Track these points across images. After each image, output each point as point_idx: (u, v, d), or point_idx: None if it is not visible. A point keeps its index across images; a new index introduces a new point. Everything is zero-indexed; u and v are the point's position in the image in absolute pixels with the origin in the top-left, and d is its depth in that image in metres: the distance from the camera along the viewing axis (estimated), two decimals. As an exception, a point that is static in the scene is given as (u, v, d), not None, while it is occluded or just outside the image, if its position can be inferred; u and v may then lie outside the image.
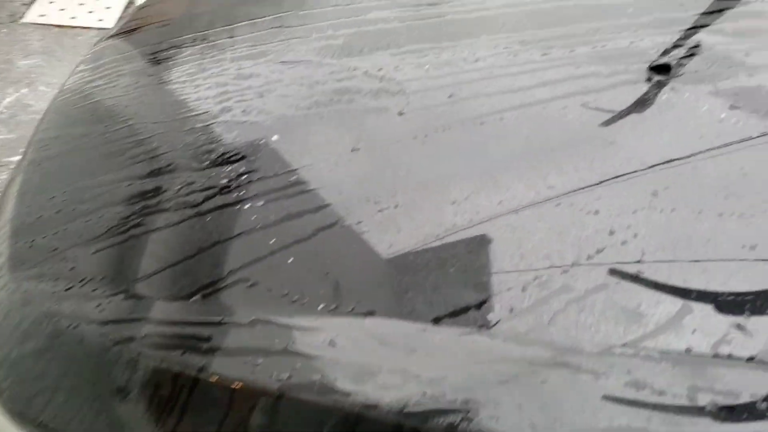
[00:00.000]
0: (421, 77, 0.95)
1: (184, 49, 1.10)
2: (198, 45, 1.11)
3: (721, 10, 1.03)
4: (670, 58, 0.93)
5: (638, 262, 0.66)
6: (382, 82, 0.95)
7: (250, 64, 1.03)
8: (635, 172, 0.76)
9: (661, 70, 0.91)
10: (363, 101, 0.92)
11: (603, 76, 0.91)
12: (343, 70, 0.98)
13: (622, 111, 0.84)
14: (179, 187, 0.82)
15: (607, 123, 0.83)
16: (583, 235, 0.69)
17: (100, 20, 3.43)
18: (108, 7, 3.55)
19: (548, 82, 0.91)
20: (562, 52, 0.97)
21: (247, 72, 1.00)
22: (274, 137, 0.87)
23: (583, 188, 0.74)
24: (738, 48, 0.94)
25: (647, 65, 0.92)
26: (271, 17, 1.15)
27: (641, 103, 0.85)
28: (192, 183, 0.83)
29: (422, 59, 0.99)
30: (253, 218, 0.76)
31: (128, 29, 1.28)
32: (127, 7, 3.55)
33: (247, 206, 0.78)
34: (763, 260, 0.66)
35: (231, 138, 0.88)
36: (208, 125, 0.92)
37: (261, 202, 0.78)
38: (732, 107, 0.84)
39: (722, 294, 0.62)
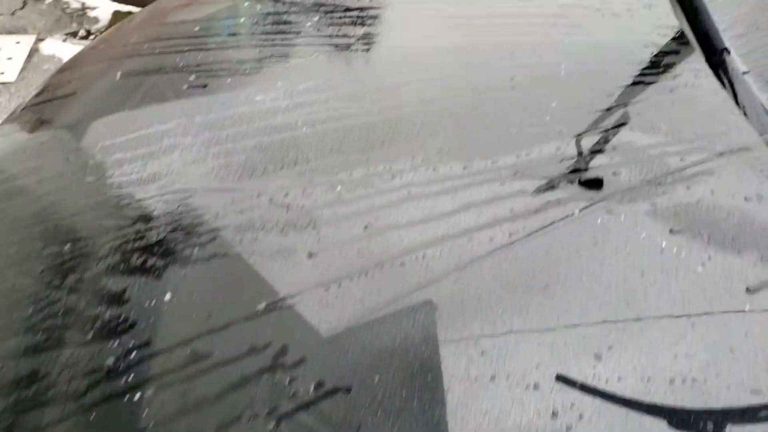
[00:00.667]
0: (333, 202, 0.85)
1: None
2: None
3: (647, 99, 0.96)
4: (601, 169, 0.85)
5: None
6: (289, 213, 0.84)
7: (140, 194, 0.90)
8: (575, 326, 0.68)
9: (593, 184, 0.83)
10: (268, 240, 0.81)
11: (529, 194, 0.83)
12: (246, 198, 0.87)
13: (554, 244, 0.76)
14: (60, 370, 0.70)
15: (540, 262, 0.74)
16: (523, 421, 0.60)
17: (1, 73, 3.22)
18: (9, 58, 3.34)
19: (472, 204, 0.83)
20: (485, 163, 0.88)
21: (132, 212, 0.87)
22: (167, 296, 0.76)
23: (517, 353, 0.65)
24: (673, 150, 0.87)
25: (578, 179, 0.84)
26: (162, 127, 1.02)
27: (575, 233, 0.77)
28: (75, 364, 0.70)
29: (334, 178, 0.88)
30: (146, 412, 0.65)
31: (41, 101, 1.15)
32: (28, 57, 3.35)
33: (138, 396, 0.66)
34: None
35: (117, 299, 0.76)
36: (90, 279, 0.79)
37: (153, 390, 0.66)
38: (672, 231, 0.76)
39: None
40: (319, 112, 1.01)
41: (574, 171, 0.86)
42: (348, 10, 1.30)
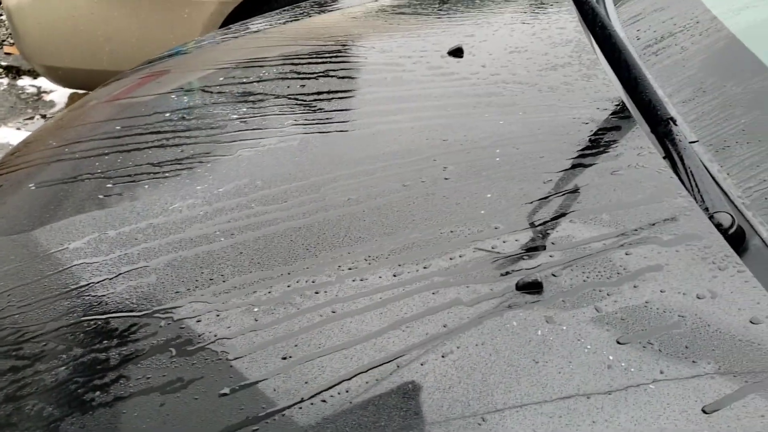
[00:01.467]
0: (249, 329, 0.76)
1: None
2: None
3: (587, 185, 0.90)
4: (540, 269, 0.78)
5: None
6: (201, 342, 0.76)
7: (36, 329, 0.81)
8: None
9: (532, 288, 0.76)
10: (177, 377, 0.72)
11: (465, 305, 0.75)
12: (155, 328, 0.79)
13: (491, 366, 0.68)
14: None
15: (477, 392, 0.66)
16: None
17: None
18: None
19: (402, 321, 0.75)
20: (416, 269, 0.81)
21: (31, 351, 0.78)
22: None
23: None
24: (617, 243, 0.80)
25: (515, 284, 0.76)
26: (73, 245, 0.94)
27: (513, 351, 0.69)
28: None
29: (250, 298, 0.80)
30: None
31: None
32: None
33: None
34: None
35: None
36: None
37: None
38: (620, 342, 0.69)
39: None
40: (239, 220, 0.93)
41: (511, 273, 0.78)
42: (277, 97, 1.24)
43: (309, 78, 1.31)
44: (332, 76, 1.31)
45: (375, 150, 1.04)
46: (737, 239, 0.83)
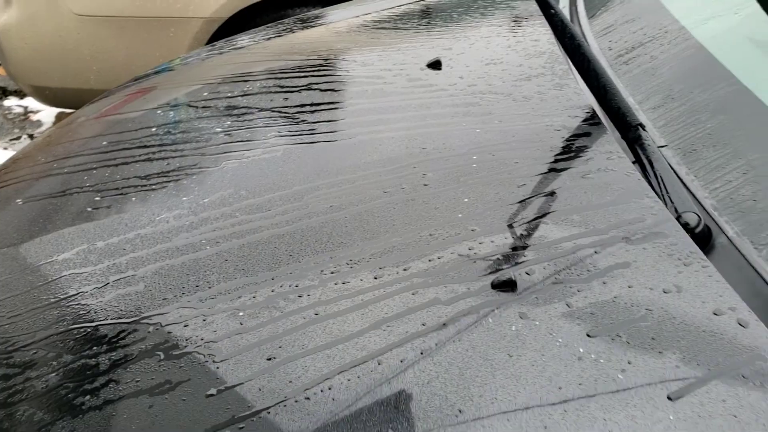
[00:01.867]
0: (235, 332, 0.79)
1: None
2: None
3: (559, 188, 0.93)
4: (514, 268, 0.81)
5: None
6: (188, 347, 0.78)
7: (34, 336, 0.84)
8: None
9: (506, 286, 0.79)
10: (165, 380, 0.75)
11: (443, 303, 0.78)
12: (143, 334, 0.82)
13: (468, 361, 0.71)
14: None
15: (455, 386, 0.69)
16: None
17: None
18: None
19: (383, 320, 0.78)
20: (396, 271, 0.84)
21: (22, 359, 0.81)
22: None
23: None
24: (587, 242, 0.84)
25: (490, 282, 0.80)
26: (62, 256, 0.96)
27: (489, 346, 0.72)
28: None
29: (236, 303, 0.83)
30: None
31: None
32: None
33: None
34: None
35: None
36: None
37: None
38: (590, 335, 0.72)
39: None
40: (224, 228, 0.96)
41: (487, 273, 0.81)
42: (261, 110, 1.27)
43: (292, 91, 1.34)
44: (315, 89, 1.34)
45: (356, 159, 1.08)
46: (704, 238, 0.87)
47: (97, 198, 1.10)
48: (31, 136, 3.79)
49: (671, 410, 0.64)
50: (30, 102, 4.12)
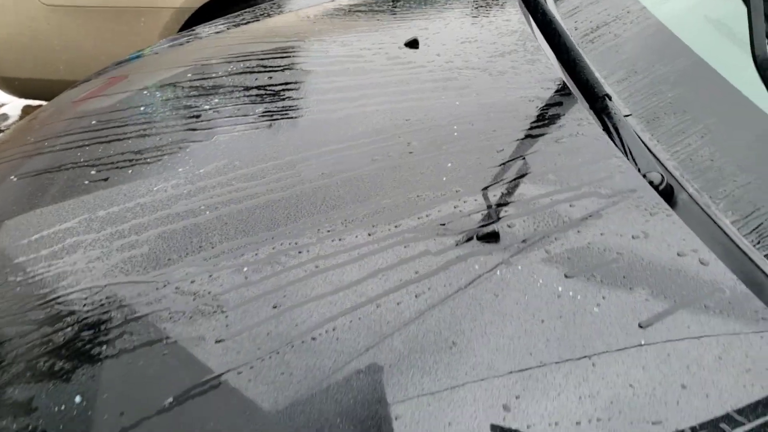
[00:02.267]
0: (240, 285, 0.85)
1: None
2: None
3: (535, 152, 1.01)
4: (497, 222, 0.88)
5: None
6: (196, 300, 0.84)
7: (45, 297, 0.88)
8: (482, 380, 0.69)
9: (490, 238, 0.86)
10: (177, 330, 0.80)
11: (433, 254, 0.85)
12: (151, 290, 0.86)
13: (458, 302, 0.78)
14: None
15: (447, 322, 0.76)
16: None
17: None
18: None
19: (378, 270, 0.84)
20: (388, 228, 0.90)
21: (36, 316, 0.85)
22: (77, 399, 0.74)
23: (429, 414, 0.66)
24: (562, 197, 0.91)
25: (475, 234, 0.87)
26: (64, 225, 1.01)
27: (477, 288, 0.79)
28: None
29: (240, 260, 0.89)
30: None
31: None
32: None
33: None
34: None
35: (24, 408, 0.74)
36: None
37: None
38: (567, 276, 0.80)
39: None
40: (221, 195, 1.02)
41: (472, 227, 0.89)
42: (247, 89, 1.33)
43: (275, 71, 1.40)
44: (297, 69, 1.40)
45: (343, 131, 1.14)
46: (666, 194, 0.96)
47: (93, 172, 1.15)
48: (-3, 129, 3.76)
49: (642, 336, 0.72)
50: (-5, 95, 4.08)
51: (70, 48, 2.97)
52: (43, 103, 3.75)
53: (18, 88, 3.18)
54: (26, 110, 3.82)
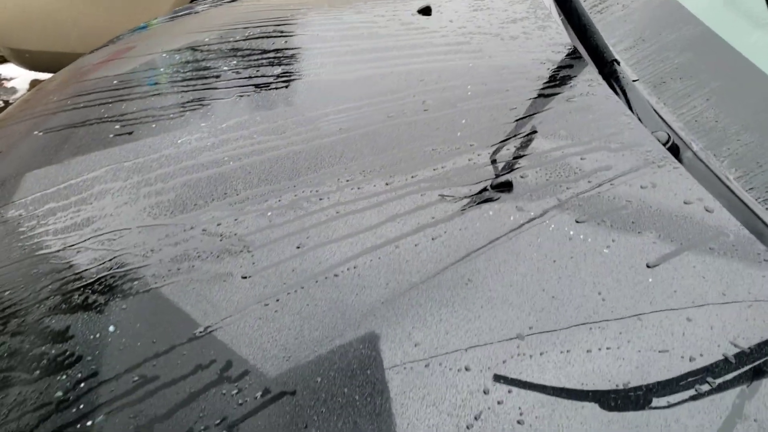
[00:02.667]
0: (265, 227, 0.89)
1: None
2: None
3: (547, 109, 1.05)
4: (510, 173, 0.92)
5: (519, 423, 0.63)
6: (222, 241, 0.88)
7: (75, 238, 0.92)
8: (497, 312, 0.73)
9: (504, 187, 0.90)
10: (204, 267, 0.84)
11: (448, 202, 0.89)
12: (179, 231, 0.91)
13: (473, 243, 0.82)
14: (7, 410, 0.71)
15: (462, 260, 0.80)
16: (458, 400, 0.65)
17: None
18: None
19: (396, 215, 0.88)
20: (404, 178, 0.94)
21: (68, 256, 0.90)
22: (111, 328, 0.78)
23: (447, 342, 0.70)
24: (573, 151, 0.95)
25: (489, 184, 0.91)
26: (92, 174, 1.05)
27: (491, 231, 0.83)
28: (23, 401, 0.72)
29: (264, 205, 0.93)
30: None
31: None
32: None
33: (89, 423, 0.68)
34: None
35: (61, 336, 0.78)
36: (32, 321, 0.81)
37: (104, 416, 0.68)
38: (578, 221, 0.84)
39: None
40: (244, 147, 1.06)
41: (486, 178, 0.93)
42: (264, 52, 1.36)
43: (292, 36, 1.43)
44: (312, 34, 1.44)
45: (359, 91, 1.18)
46: (673, 152, 0.99)
47: (117, 126, 1.19)
48: (6, 103, 3.79)
49: (650, 274, 0.77)
50: (3, 69, 4.11)
51: (81, 20, 3.00)
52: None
53: (28, 60, 3.21)
54: (34, 84, 3.85)
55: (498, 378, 0.67)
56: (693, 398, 0.64)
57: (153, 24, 1.89)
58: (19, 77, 3.99)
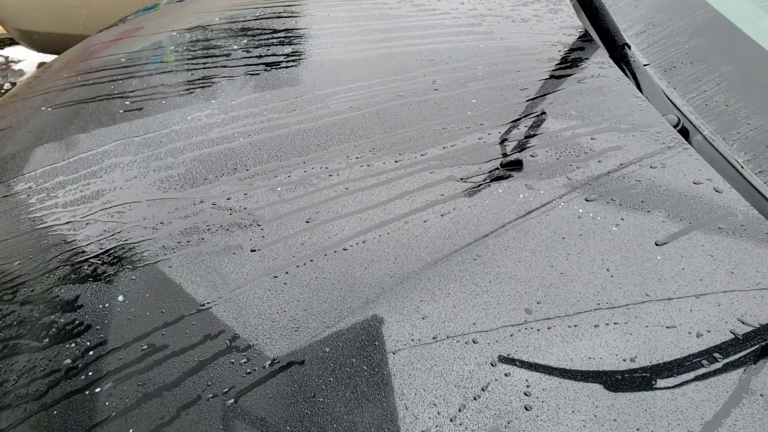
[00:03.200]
0: (275, 202, 0.89)
1: None
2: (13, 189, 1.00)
3: (558, 90, 1.05)
4: (521, 153, 0.92)
5: (526, 395, 0.63)
6: (232, 215, 0.88)
7: (85, 210, 0.93)
8: (504, 287, 0.74)
9: (514, 165, 0.90)
10: (214, 240, 0.85)
11: (457, 180, 0.89)
12: (189, 204, 0.91)
13: (482, 219, 0.82)
14: (17, 376, 0.72)
15: (472, 238, 0.80)
16: (465, 372, 0.65)
17: None
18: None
19: (405, 192, 0.88)
20: (414, 156, 0.94)
21: (78, 227, 0.90)
22: (120, 298, 0.78)
23: (455, 315, 0.71)
24: (584, 131, 0.95)
25: (499, 162, 0.91)
26: (102, 149, 1.05)
27: (500, 208, 0.83)
28: (33, 368, 0.72)
29: (274, 180, 0.93)
30: (106, 404, 0.67)
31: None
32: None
33: (98, 390, 0.69)
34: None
35: (70, 306, 0.78)
36: (42, 290, 0.81)
37: (113, 383, 0.69)
38: (588, 200, 0.84)
39: None
40: (254, 124, 1.06)
41: (496, 156, 0.93)
42: (275, 32, 1.36)
43: (302, 16, 1.43)
44: (323, 15, 1.44)
45: (370, 70, 1.18)
46: (683, 135, 0.99)
47: (127, 102, 1.19)
48: (13, 85, 3.79)
49: (658, 252, 0.77)
50: (11, 51, 4.11)
51: (90, 2, 3.00)
52: (60, 58, 3.77)
53: (37, 42, 3.21)
54: (41, 66, 3.84)
55: (505, 351, 0.67)
56: (700, 373, 0.64)
57: (161, 5, 1.89)
58: (27, 59, 3.99)
